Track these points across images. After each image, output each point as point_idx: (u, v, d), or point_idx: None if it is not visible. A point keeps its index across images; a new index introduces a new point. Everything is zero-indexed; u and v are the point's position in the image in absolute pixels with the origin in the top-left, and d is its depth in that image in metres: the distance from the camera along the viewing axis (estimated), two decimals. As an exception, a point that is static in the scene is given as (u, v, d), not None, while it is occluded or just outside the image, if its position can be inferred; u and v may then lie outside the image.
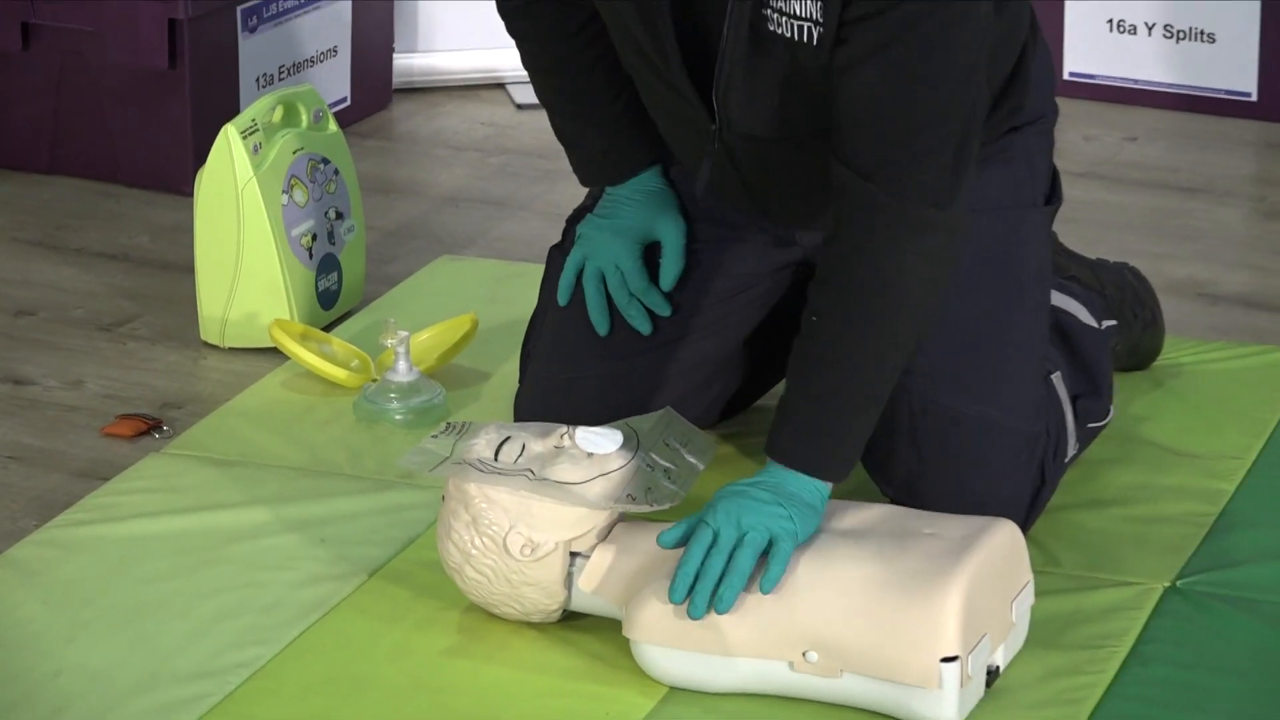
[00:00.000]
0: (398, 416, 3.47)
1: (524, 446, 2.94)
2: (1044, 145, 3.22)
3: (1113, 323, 3.41)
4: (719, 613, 2.77)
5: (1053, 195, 3.23)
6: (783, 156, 3.04)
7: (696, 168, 3.12)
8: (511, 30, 3.22)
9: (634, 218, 3.23)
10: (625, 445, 2.95)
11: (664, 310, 3.22)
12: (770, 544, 2.79)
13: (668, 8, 2.91)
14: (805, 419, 2.87)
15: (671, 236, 3.22)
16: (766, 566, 2.79)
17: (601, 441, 2.94)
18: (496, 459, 2.93)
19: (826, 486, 2.87)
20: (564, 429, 2.95)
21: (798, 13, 2.83)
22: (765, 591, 2.78)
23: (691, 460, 2.98)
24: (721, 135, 3.02)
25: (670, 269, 3.22)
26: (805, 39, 2.85)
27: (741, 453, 3.33)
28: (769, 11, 2.85)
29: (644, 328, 3.22)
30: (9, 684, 2.86)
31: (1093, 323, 3.33)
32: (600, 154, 3.25)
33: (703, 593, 2.77)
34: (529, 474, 2.90)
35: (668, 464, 2.96)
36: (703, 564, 2.78)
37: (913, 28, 2.78)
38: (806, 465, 2.85)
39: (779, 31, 2.86)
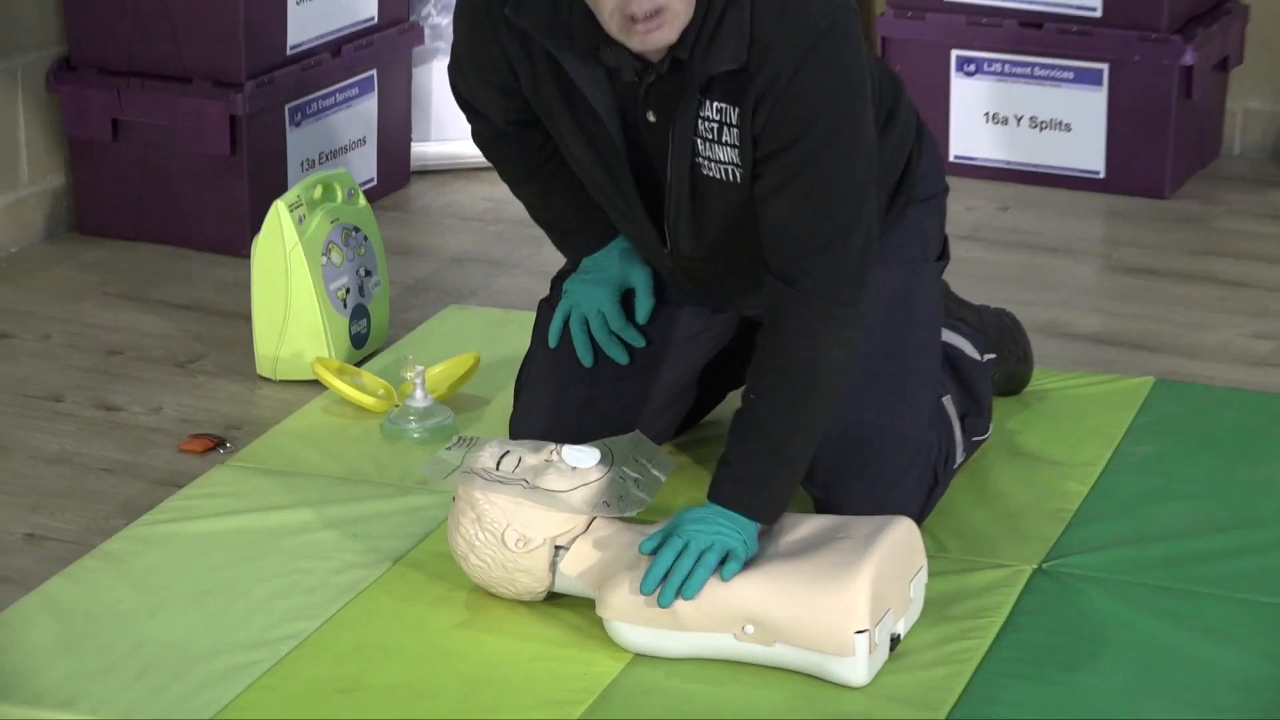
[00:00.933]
0: (415, 435, 3.46)
1: (520, 459, 2.94)
2: (936, 216, 3.23)
3: (992, 356, 3.41)
4: (686, 598, 2.78)
5: (943, 254, 3.25)
6: (722, 269, 3.07)
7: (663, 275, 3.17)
8: (486, 156, 3.23)
9: (611, 271, 3.24)
10: (602, 461, 2.95)
11: (639, 342, 3.22)
12: (727, 555, 2.81)
13: (625, 160, 2.93)
14: (741, 474, 2.88)
15: (642, 281, 3.23)
16: (725, 565, 2.80)
17: (583, 457, 2.94)
18: (498, 469, 2.93)
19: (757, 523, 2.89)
20: (553, 446, 2.96)
21: (722, 159, 2.87)
22: (725, 579, 2.79)
23: (656, 473, 2.99)
24: (673, 255, 3.04)
25: (644, 306, 3.23)
26: (731, 179, 2.88)
27: (694, 462, 3.32)
28: (701, 160, 2.88)
29: (622, 359, 3.22)
30: (102, 652, 2.86)
31: (976, 356, 3.33)
32: (573, 237, 3.26)
33: (672, 585, 2.78)
34: (524, 482, 2.90)
35: (637, 475, 2.96)
36: (673, 565, 2.79)
37: (813, 161, 2.81)
38: (741, 508, 2.86)
39: (711, 175, 2.89)
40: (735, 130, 2.84)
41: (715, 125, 2.86)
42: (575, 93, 2.92)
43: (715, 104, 2.85)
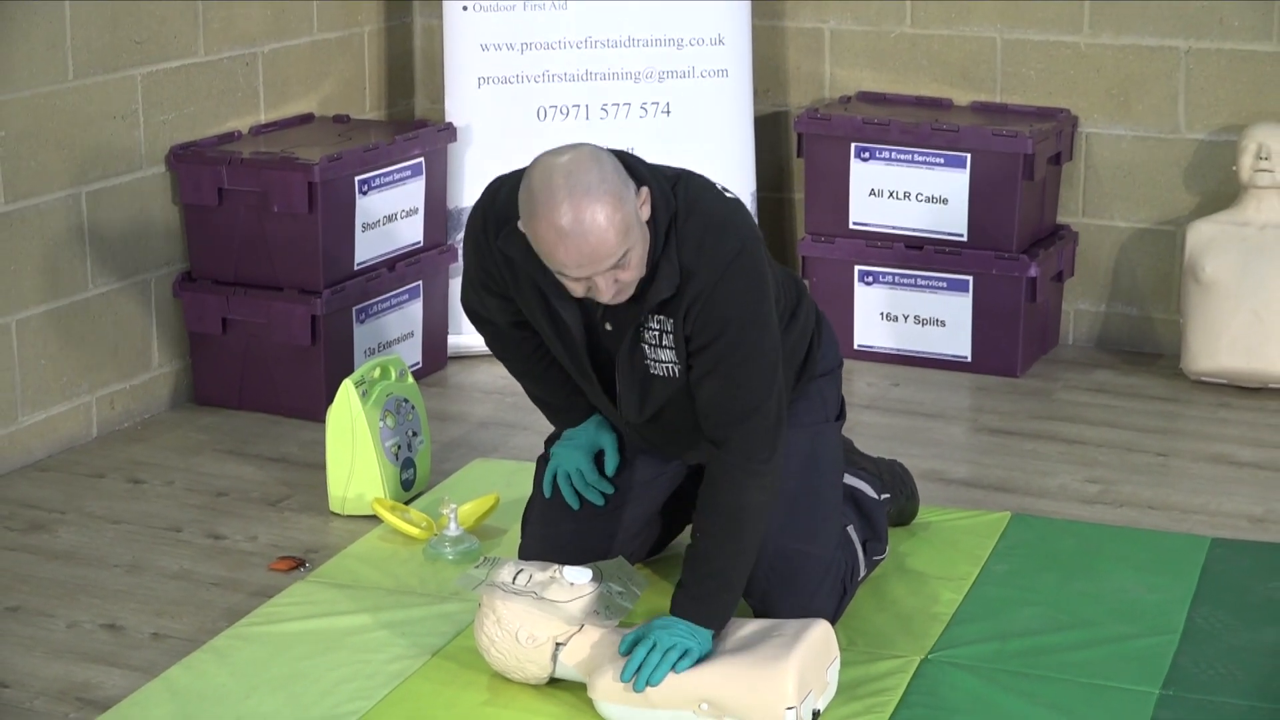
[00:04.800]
0: (450, 557, 3.44)
1: (530, 576, 2.93)
2: (834, 386, 3.23)
3: (887, 495, 3.41)
4: (653, 685, 2.77)
5: (840, 415, 3.24)
6: (663, 429, 3.06)
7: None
8: (495, 355, 3.21)
9: (585, 438, 3.22)
10: (594, 578, 2.94)
11: (609, 489, 3.20)
12: (685, 653, 2.79)
13: (586, 352, 2.93)
14: (695, 593, 2.87)
15: (610, 445, 3.21)
16: (681, 660, 2.79)
17: (579, 575, 2.93)
18: (514, 583, 2.92)
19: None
20: (556, 567, 2.95)
21: (664, 359, 2.89)
22: (678, 672, 2.77)
23: (635, 590, 2.98)
24: (624, 418, 3.04)
25: (611, 463, 3.21)
26: (672, 375, 2.88)
27: (661, 578, 3.30)
28: (649, 361, 2.89)
29: (598, 502, 3.20)
30: (209, 725, 2.83)
31: (874, 495, 3.32)
32: (560, 414, 3.24)
33: (643, 676, 2.76)
34: (533, 594, 2.89)
35: (620, 589, 2.95)
36: (644, 659, 2.77)
37: (730, 353, 2.82)
38: (694, 619, 2.85)
39: (656, 373, 2.90)
40: (672, 335, 2.85)
41: (658, 333, 2.86)
42: (549, 302, 2.91)
43: (657, 317, 2.85)
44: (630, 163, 2.79)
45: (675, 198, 2.82)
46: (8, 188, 3.91)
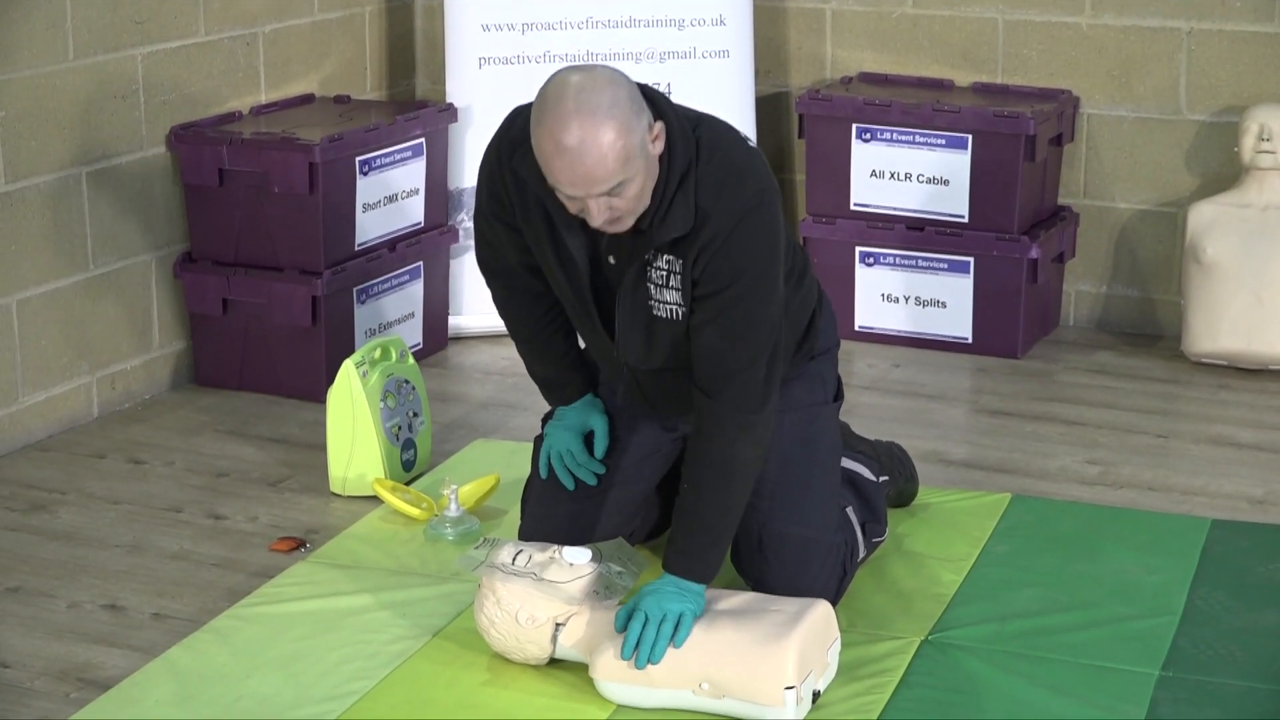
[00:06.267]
0: (450, 538, 3.44)
1: (530, 557, 2.93)
2: (831, 366, 3.22)
3: (886, 478, 3.40)
4: (654, 662, 2.77)
5: (837, 396, 3.23)
6: (662, 379, 3.04)
7: (618, 384, 3.13)
8: (501, 314, 3.19)
9: (576, 419, 3.21)
10: (593, 559, 2.94)
11: (600, 469, 3.19)
12: (679, 619, 2.78)
13: (589, 285, 2.91)
14: (683, 547, 2.88)
15: (600, 426, 3.20)
16: (677, 632, 2.78)
17: (579, 556, 2.93)
18: (513, 564, 2.92)
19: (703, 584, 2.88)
20: (555, 547, 2.95)
21: (669, 300, 2.86)
22: (677, 647, 2.77)
23: (634, 569, 2.98)
24: (627, 366, 3.01)
25: (600, 445, 3.20)
26: (675, 317, 2.86)
27: (659, 557, 3.28)
28: (654, 302, 2.87)
29: (591, 481, 3.19)
30: (207, 706, 2.84)
31: (873, 478, 3.32)
32: (556, 390, 3.23)
33: (644, 652, 2.76)
34: (533, 575, 2.89)
35: (620, 569, 2.95)
36: (641, 633, 2.77)
37: (735, 304, 2.80)
38: (686, 575, 2.85)
39: (660, 315, 2.88)
40: (679, 276, 2.83)
41: (664, 273, 2.84)
42: (555, 230, 2.89)
43: (665, 256, 2.83)
44: (652, 95, 2.76)
45: (698, 139, 2.79)
46: (8, 167, 3.91)
